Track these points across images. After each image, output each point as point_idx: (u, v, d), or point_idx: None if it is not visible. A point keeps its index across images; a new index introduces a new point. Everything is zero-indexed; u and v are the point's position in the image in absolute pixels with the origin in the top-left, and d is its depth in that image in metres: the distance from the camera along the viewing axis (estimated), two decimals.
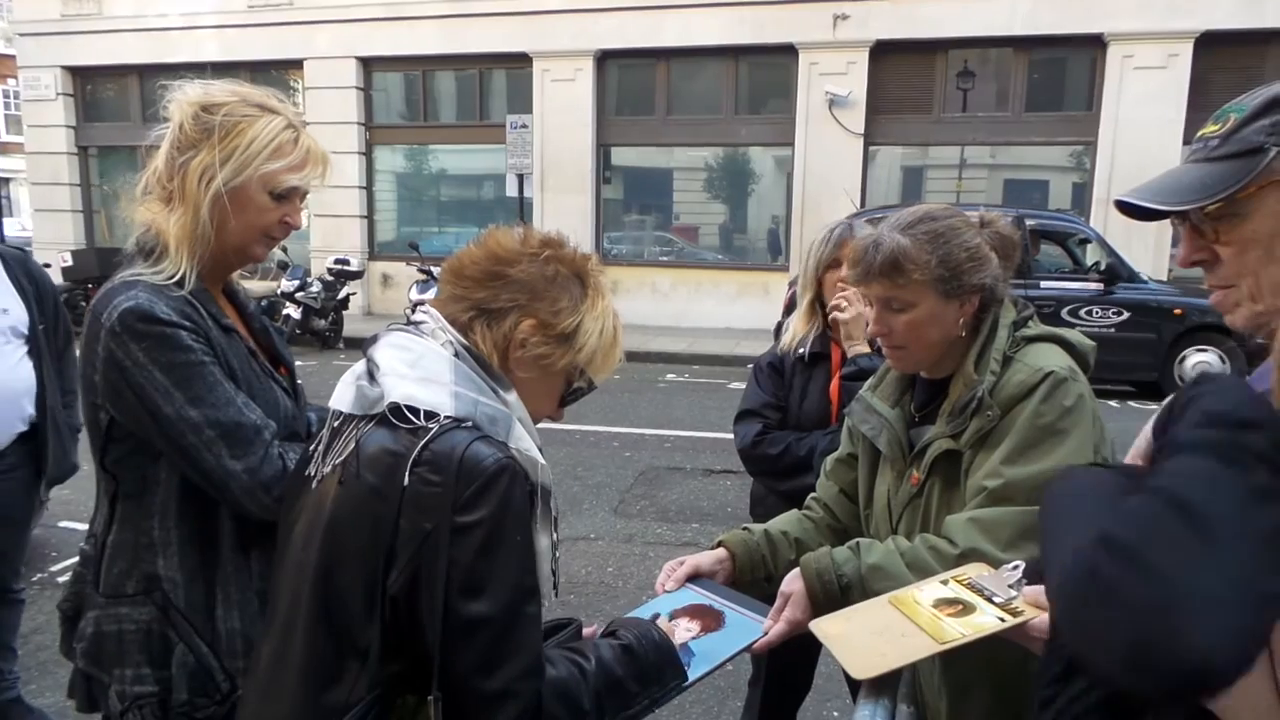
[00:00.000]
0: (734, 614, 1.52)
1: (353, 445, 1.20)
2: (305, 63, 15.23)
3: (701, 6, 13.50)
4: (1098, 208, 12.25)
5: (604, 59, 14.27)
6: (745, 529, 1.79)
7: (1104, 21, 12.22)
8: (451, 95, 15.73)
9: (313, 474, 1.25)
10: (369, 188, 15.70)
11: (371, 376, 1.23)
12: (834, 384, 2.45)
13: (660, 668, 1.31)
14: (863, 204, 12.55)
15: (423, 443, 1.14)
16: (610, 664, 1.25)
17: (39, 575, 4.41)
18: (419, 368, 1.21)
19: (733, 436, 2.61)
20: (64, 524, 4.93)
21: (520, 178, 13.37)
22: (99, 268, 11.98)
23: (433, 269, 11.65)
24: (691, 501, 5.89)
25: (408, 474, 1.13)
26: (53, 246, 15.02)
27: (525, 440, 1.23)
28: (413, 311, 1.36)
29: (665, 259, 15.07)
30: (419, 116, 15.68)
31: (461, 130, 15.30)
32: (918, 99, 13.38)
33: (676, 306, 14.13)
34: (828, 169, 13.17)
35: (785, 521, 1.82)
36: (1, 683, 2.96)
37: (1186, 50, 12.02)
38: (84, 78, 16.86)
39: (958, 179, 13.77)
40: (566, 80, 14.19)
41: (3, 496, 2.81)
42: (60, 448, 2.94)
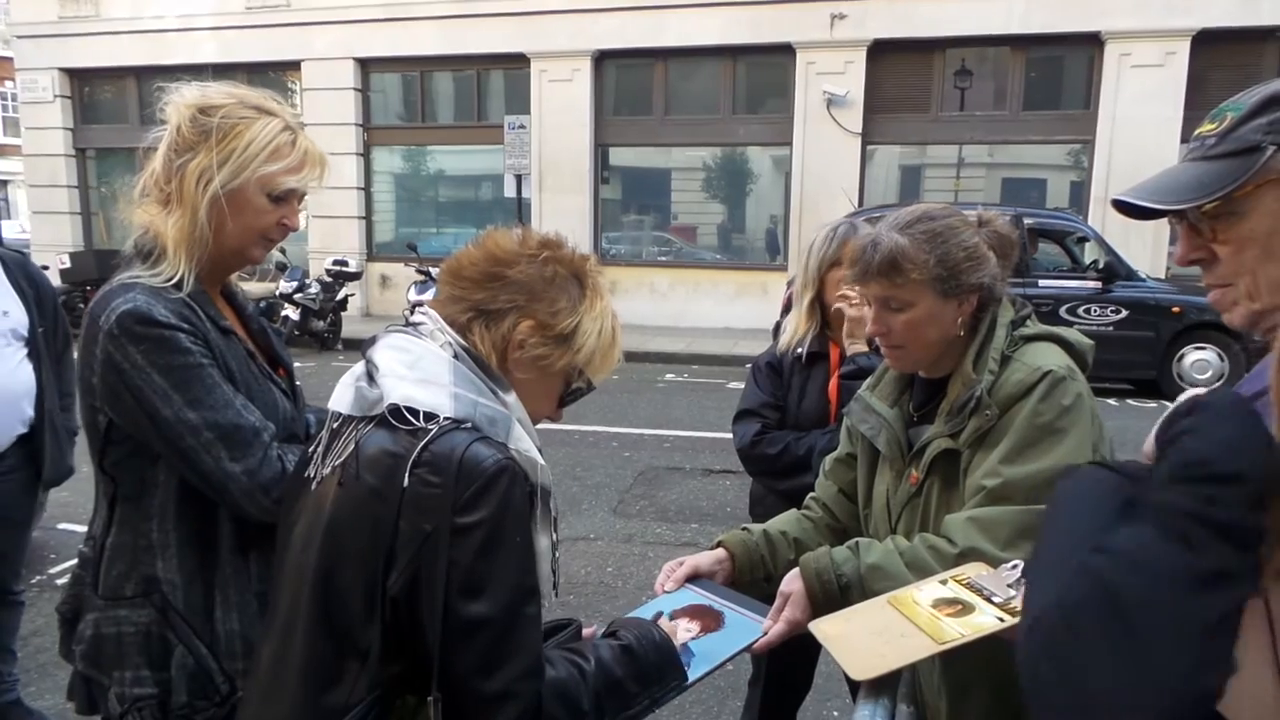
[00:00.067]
0: (733, 614, 1.52)
1: (352, 447, 1.20)
2: (303, 64, 15.23)
3: (699, 6, 13.51)
4: (1095, 206, 12.25)
5: (601, 59, 14.27)
6: (744, 529, 1.79)
7: (1101, 20, 12.24)
8: (449, 96, 15.73)
9: (312, 475, 1.25)
10: (367, 189, 15.69)
11: (370, 378, 1.23)
12: (832, 383, 2.45)
13: (661, 668, 1.31)
14: (861, 203, 12.55)
15: (422, 444, 1.14)
16: (610, 665, 1.25)
17: (38, 577, 4.41)
18: (418, 369, 1.21)
19: (731, 436, 2.62)
20: (63, 526, 4.93)
21: (518, 178, 13.38)
22: (97, 270, 11.97)
23: (431, 270, 11.64)
24: (691, 501, 5.89)
25: (407, 475, 1.13)
26: (51, 248, 15.03)
27: (524, 441, 1.23)
28: (411, 313, 1.36)
29: (663, 259, 15.07)
30: (417, 117, 15.67)
31: (459, 131, 15.30)
32: (915, 98, 13.39)
33: (675, 306, 14.13)
34: (826, 168, 13.17)
35: (784, 521, 1.82)
36: (1, 685, 2.97)
37: (1184, 48, 12.03)
38: (81, 80, 16.85)
39: (955, 178, 13.78)
40: (564, 81, 14.19)
41: (3, 498, 2.82)
42: (57, 450, 2.95)
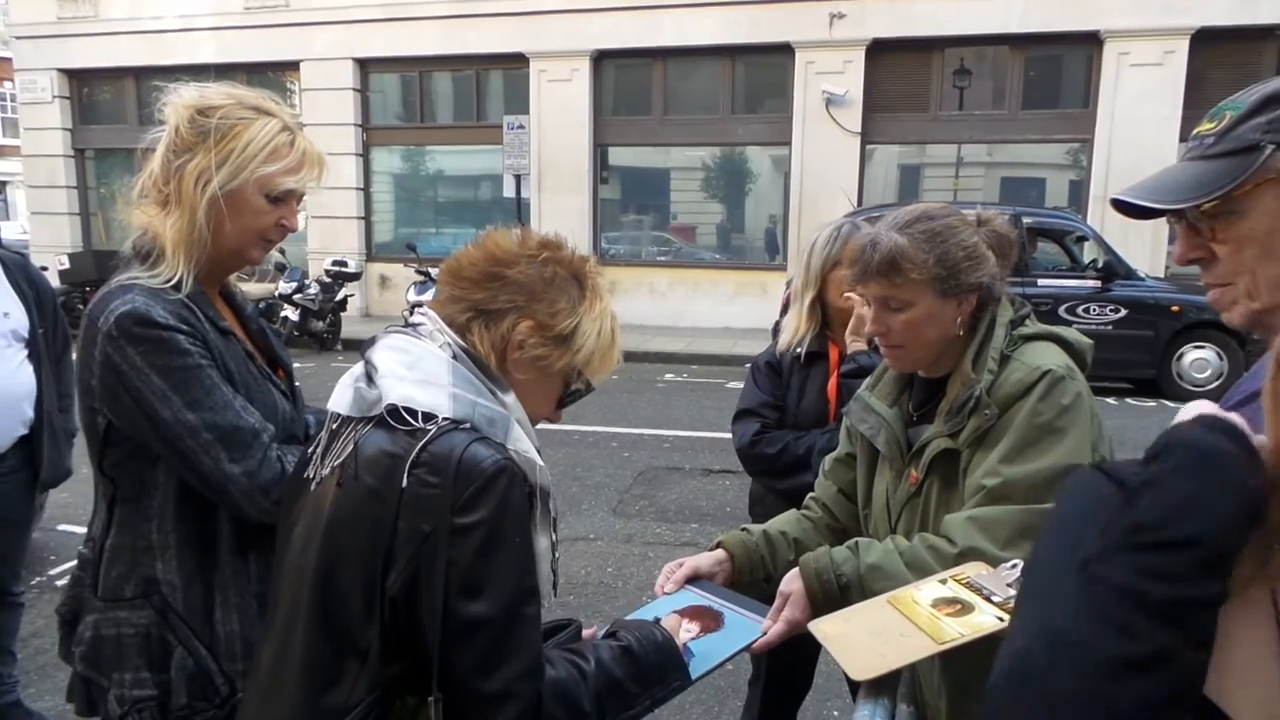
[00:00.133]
0: (733, 614, 1.52)
1: (351, 447, 1.20)
2: (302, 64, 15.22)
3: (698, 6, 13.51)
4: (1094, 205, 12.25)
5: (600, 59, 14.27)
6: (744, 529, 1.79)
7: (1100, 19, 12.24)
8: (448, 96, 15.72)
9: (311, 476, 1.25)
10: (366, 189, 15.69)
11: (369, 378, 1.23)
12: (831, 383, 2.45)
13: (662, 667, 1.31)
14: (860, 203, 12.55)
15: (421, 444, 1.14)
16: (610, 665, 1.25)
17: (38, 579, 4.41)
18: (417, 369, 1.21)
19: (731, 436, 2.62)
20: (62, 527, 4.93)
21: (517, 178, 13.37)
22: (96, 271, 11.98)
23: (430, 270, 11.64)
24: (690, 501, 5.89)
25: (406, 475, 1.13)
26: (50, 249, 15.02)
27: (523, 441, 1.23)
28: (411, 313, 1.36)
29: (663, 259, 15.07)
30: (416, 118, 15.67)
31: (458, 131, 15.30)
32: (914, 97, 13.39)
33: (674, 306, 14.13)
34: (825, 168, 13.17)
35: (784, 521, 1.82)
36: (1, 686, 2.97)
37: (1183, 47, 12.04)
38: (80, 80, 16.84)
39: (955, 177, 13.78)
40: (563, 80, 14.19)
41: (3, 499, 2.82)
42: (55, 451, 2.95)
